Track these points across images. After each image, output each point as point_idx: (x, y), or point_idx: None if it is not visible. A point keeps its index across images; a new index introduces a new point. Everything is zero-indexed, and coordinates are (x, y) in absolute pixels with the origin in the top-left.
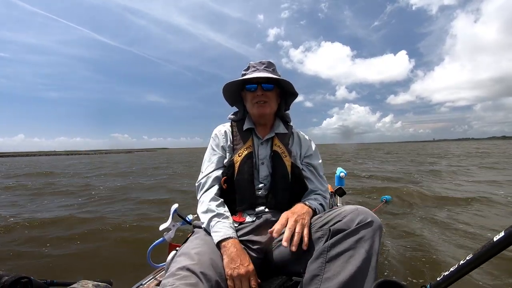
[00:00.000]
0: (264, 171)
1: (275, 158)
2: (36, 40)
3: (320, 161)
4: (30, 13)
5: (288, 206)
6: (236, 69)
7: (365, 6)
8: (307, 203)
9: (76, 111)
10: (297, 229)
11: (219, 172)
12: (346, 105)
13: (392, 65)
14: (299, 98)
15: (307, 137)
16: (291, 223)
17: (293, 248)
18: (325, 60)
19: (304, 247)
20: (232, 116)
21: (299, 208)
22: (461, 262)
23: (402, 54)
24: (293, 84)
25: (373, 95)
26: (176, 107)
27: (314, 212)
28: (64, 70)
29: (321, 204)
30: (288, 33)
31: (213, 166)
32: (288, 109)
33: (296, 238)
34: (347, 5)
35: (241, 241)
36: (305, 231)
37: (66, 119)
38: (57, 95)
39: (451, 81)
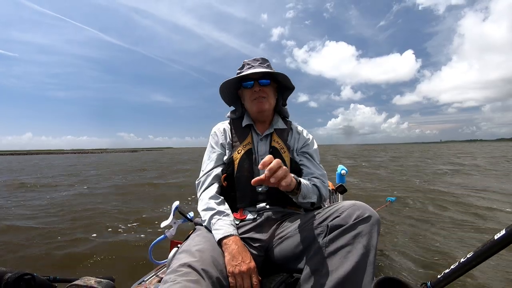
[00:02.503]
0: None
1: (273, 154)
2: (44, 40)
3: (316, 147)
4: (38, 13)
5: (288, 202)
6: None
7: (371, 6)
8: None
9: (83, 110)
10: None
11: (218, 170)
12: (352, 105)
13: (399, 65)
14: (303, 98)
15: (305, 130)
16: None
17: (266, 172)
18: (329, 60)
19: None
20: (231, 115)
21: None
22: (462, 260)
23: (409, 54)
24: (289, 78)
25: (379, 95)
26: (182, 107)
27: (298, 185)
28: (72, 70)
29: (314, 185)
30: (292, 33)
31: (212, 164)
32: (286, 104)
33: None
34: (352, 5)
35: (242, 239)
36: (282, 172)
37: (73, 118)
38: (64, 94)
39: (459, 81)
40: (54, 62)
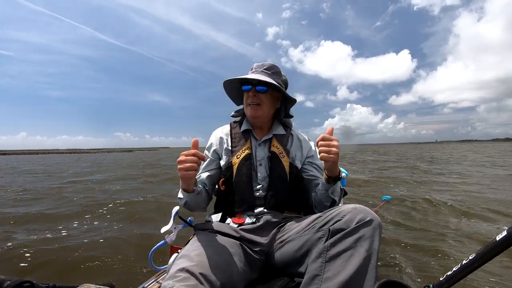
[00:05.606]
0: (262, 172)
1: (272, 158)
2: (40, 39)
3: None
4: (34, 12)
5: (286, 206)
6: (237, 69)
7: (367, 7)
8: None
9: (79, 110)
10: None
11: (205, 175)
12: (348, 105)
13: (395, 65)
14: (300, 98)
15: (306, 137)
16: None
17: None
18: (325, 60)
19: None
20: (235, 114)
21: None
22: (464, 261)
23: (405, 53)
24: (289, 86)
25: (375, 95)
26: (179, 106)
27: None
28: (68, 69)
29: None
30: (288, 33)
31: (199, 170)
32: (289, 116)
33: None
34: (349, 5)
35: (242, 242)
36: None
37: (69, 118)
38: (60, 94)
39: (454, 81)
40: (49, 61)
